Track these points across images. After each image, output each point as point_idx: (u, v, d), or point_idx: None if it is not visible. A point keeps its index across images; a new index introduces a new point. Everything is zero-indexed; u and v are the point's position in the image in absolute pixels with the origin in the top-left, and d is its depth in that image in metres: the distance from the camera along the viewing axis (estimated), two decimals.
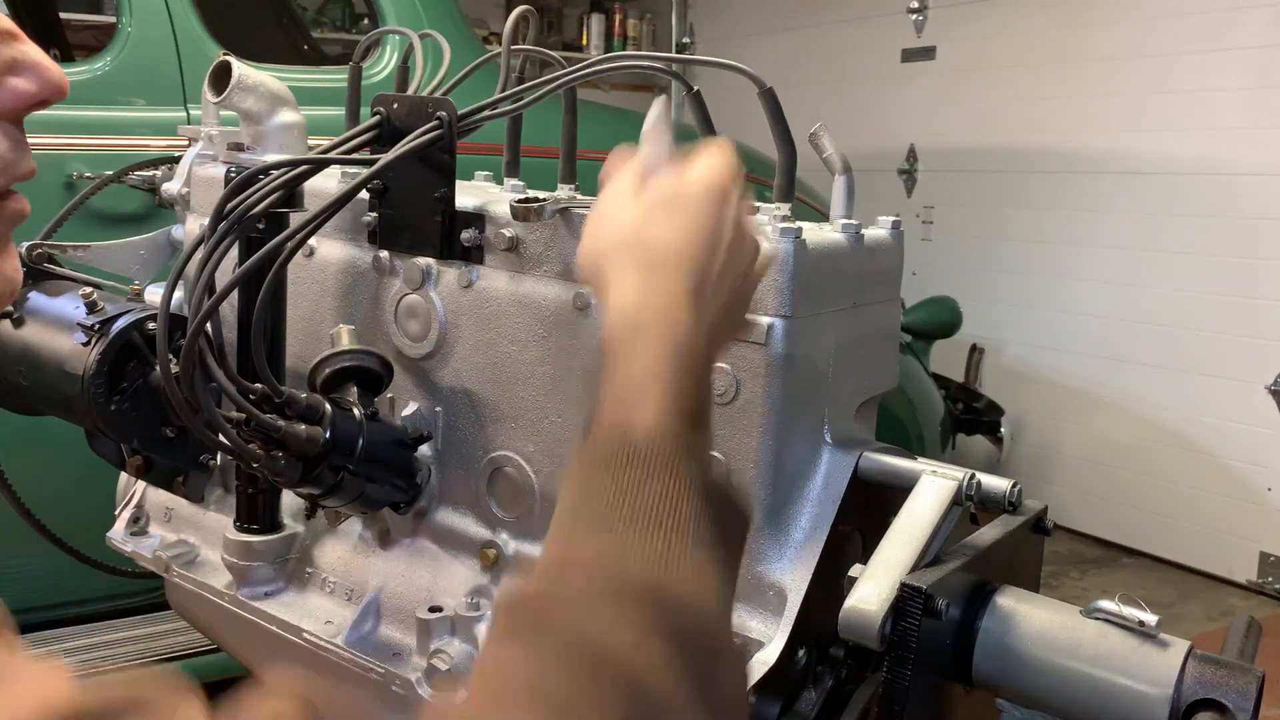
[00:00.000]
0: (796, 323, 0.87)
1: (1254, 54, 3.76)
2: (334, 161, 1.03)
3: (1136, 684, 0.75)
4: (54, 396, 1.15)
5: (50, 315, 1.17)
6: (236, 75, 1.18)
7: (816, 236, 0.90)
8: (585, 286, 0.97)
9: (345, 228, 1.15)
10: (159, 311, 0.98)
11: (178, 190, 1.33)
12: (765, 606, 0.90)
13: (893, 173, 5.04)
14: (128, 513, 1.37)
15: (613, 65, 1.03)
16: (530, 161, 1.18)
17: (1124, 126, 4.15)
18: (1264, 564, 3.87)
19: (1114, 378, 4.27)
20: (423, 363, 1.10)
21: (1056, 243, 4.41)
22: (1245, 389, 3.86)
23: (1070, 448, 4.46)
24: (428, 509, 1.11)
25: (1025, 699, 0.81)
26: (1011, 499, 0.85)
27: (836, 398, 0.94)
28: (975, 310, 4.12)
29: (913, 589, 0.75)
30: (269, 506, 1.19)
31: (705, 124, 0.99)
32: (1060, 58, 4.33)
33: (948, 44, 4.80)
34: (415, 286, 1.09)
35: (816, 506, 0.91)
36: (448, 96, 1.05)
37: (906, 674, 0.75)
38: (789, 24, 5.50)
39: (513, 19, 1.14)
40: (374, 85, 2.21)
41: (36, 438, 1.71)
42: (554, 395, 1.00)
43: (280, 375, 1.11)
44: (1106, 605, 0.78)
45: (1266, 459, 3.83)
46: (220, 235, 0.94)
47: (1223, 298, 3.90)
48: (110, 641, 2.06)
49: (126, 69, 2.14)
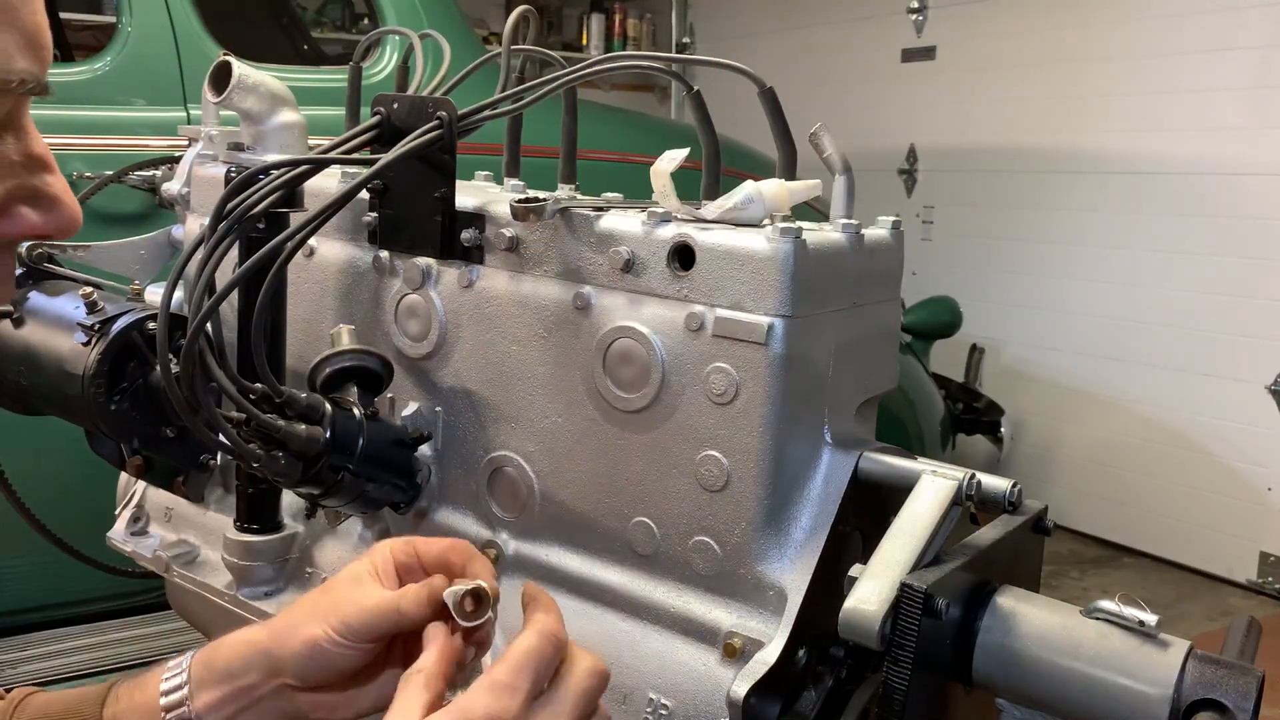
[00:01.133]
0: (796, 323, 0.87)
1: (1254, 54, 3.76)
2: (334, 161, 1.03)
3: (1136, 684, 0.75)
4: (54, 396, 1.15)
5: (50, 315, 1.17)
6: (236, 75, 1.18)
7: (816, 236, 0.90)
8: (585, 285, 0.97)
9: (345, 228, 1.15)
10: (159, 311, 0.98)
11: (178, 190, 1.33)
12: (765, 606, 0.90)
13: (893, 173, 5.04)
14: (128, 513, 1.37)
15: (613, 65, 1.03)
16: (530, 161, 1.18)
17: (1124, 126, 4.15)
18: (1264, 564, 3.87)
19: (1114, 378, 4.27)
20: (423, 363, 1.10)
21: (1056, 243, 4.41)
22: (1245, 389, 3.86)
23: (1070, 448, 4.46)
24: (428, 509, 1.11)
25: (1025, 699, 0.81)
26: (1011, 499, 0.85)
27: (836, 398, 0.94)
28: (975, 310, 4.12)
29: (913, 589, 0.75)
30: (269, 506, 1.19)
31: (705, 124, 0.99)
32: (1060, 58, 4.33)
33: (948, 44, 4.80)
34: (415, 286, 1.09)
35: (816, 506, 0.91)
36: (448, 96, 1.05)
37: (906, 674, 0.75)
38: (789, 24, 5.50)
39: (513, 19, 1.14)
40: (374, 85, 2.21)
41: (36, 438, 1.71)
42: (554, 395, 1.00)
43: (280, 375, 1.11)
44: (1106, 605, 0.78)
45: (1266, 459, 3.84)
46: (220, 235, 0.94)
47: (1223, 298, 3.90)
48: (110, 641, 2.06)
49: (126, 69, 2.14)
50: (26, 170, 0.59)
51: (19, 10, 0.54)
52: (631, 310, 0.94)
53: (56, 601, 2.08)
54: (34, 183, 0.59)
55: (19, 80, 0.54)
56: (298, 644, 0.75)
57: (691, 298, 0.90)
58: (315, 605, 0.76)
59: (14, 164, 0.58)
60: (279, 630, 0.77)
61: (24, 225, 0.60)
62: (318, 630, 0.75)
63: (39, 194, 0.59)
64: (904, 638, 0.75)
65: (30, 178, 0.59)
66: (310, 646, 0.75)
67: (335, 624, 0.74)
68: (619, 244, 0.94)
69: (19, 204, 0.59)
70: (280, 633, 0.76)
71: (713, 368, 0.89)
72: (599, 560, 1.00)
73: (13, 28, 0.54)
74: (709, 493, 0.91)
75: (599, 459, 0.98)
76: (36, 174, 0.59)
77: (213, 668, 0.78)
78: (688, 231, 0.91)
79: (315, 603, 0.77)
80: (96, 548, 1.42)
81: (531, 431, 1.03)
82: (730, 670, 0.88)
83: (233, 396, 0.95)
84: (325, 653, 0.75)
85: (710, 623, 0.92)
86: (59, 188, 0.60)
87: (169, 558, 1.29)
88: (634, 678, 0.94)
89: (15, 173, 0.58)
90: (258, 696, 0.77)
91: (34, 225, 0.60)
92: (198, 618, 1.40)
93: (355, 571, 0.77)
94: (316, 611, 0.76)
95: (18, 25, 0.54)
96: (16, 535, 1.65)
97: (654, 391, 0.92)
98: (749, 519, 0.89)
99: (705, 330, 0.89)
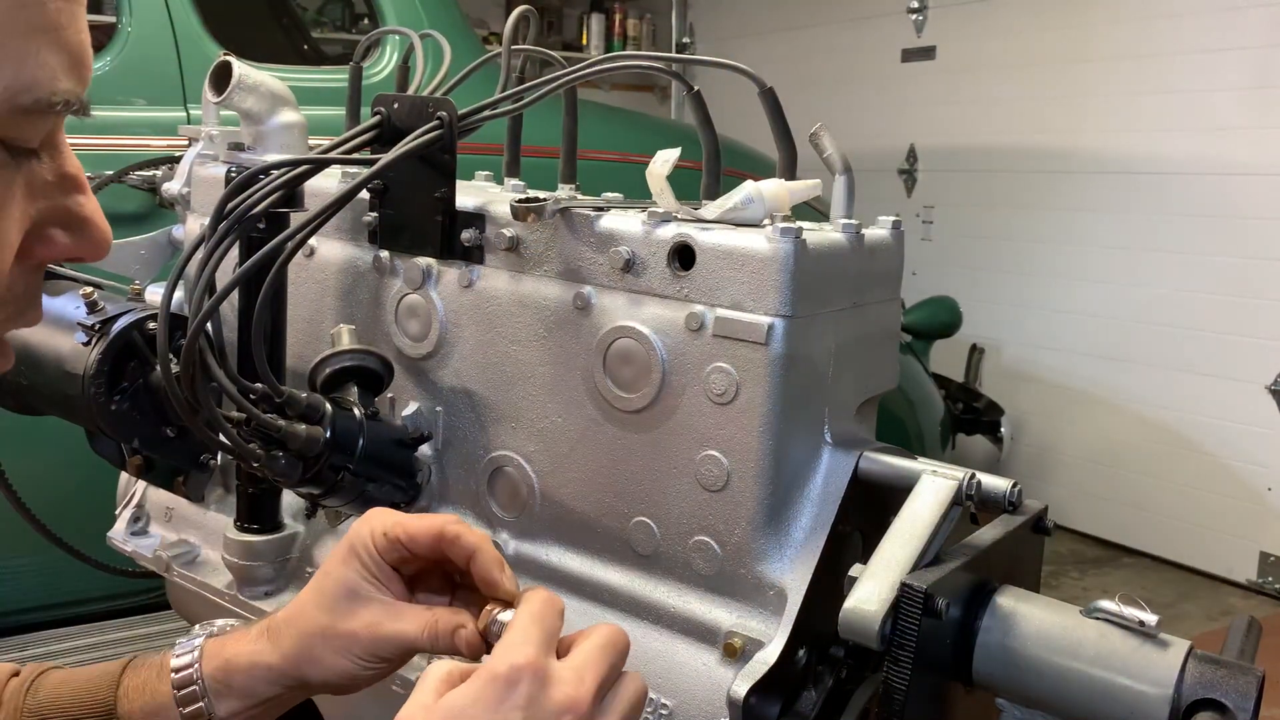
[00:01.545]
0: (796, 323, 0.87)
1: (1253, 54, 3.76)
2: (334, 161, 1.03)
3: (1136, 684, 0.75)
4: (54, 396, 1.15)
5: (50, 315, 1.17)
6: (237, 75, 1.18)
7: (817, 236, 0.90)
8: (585, 286, 0.97)
9: (345, 228, 1.15)
10: (159, 311, 0.98)
11: (178, 190, 1.33)
12: (765, 606, 0.90)
13: (893, 173, 5.04)
14: (128, 512, 1.37)
15: (613, 65, 1.03)
16: (530, 161, 1.18)
17: (1124, 126, 4.15)
18: (1264, 564, 3.87)
19: (1114, 378, 4.27)
20: (423, 363, 1.10)
21: (1056, 243, 4.41)
22: (1245, 389, 3.86)
23: (1070, 448, 4.46)
24: (428, 509, 1.11)
25: (1025, 699, 0.81)
26: (1011, 499, 0.85)
27: (836, 398, 0.94)
28: (975, 310, 4.12)
29: (913, 589, 0.75)
30: (269, 506, 1.19)
31: (705, 124, 0.99)
32: (1060, 58, 4.34)
33: (948, 44, 4.80)
34: (415, 286, 1.09)
35: (816, 506, 0.91)
36: (448, 96, 1.05)
37: (906, 674, 0.75)
38: (789, 24, 5.51)
39: (513, 19, 1.14)
40: (374, 85, 2.21)
41: (36, 438, 1.71)
42: (554, 395, 1.00)
43: (280, 375, 1.11)
44: (1106, 605, 0.78)
45: (1266, 459, 3.84)
46: (220, 235, 0.94)
47: (1223, 298, 3.90)
48: (110, 641, 2.06)
49: (126, 69, 2.14)
50: (60, 191, 0.58)
51: (65, 30, 0.53)
52: (631, 310, 0.94)
53: (56, 601, 2.08)
54: (67, 204, 0.58)
55: (64, 101, 0.53)
56: (329, 675, 0.77)
57: (691, 297, 0.90)
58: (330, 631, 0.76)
59: (48, 184, 0.57)
60: (296, 659, 0.77)
61: (56, 249, 0.59)
62: (346, 663, 0.76)
63: (71, 216, 0.58)
64: (904, 638, 0.75)
65: (63, 199, 0.58)
66: (344, 676, 0.77)
67: (366, 655, 0.76)
68: (619, 244, 0.94)
69: (51, 226, 0.58)
70: (298, 662, 0.77)
71: (713, 368, 0.89)
72: (599, 560, 1.00)
73: (58, 47, 0.53)
74: (709, 493, 0.91)
75: (599, 459, 0.98)
76: (69, 195, 0.58)
77: (231, 686, 0.79)
78: (688, 231, 0.91)
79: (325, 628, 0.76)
80: (96, 548, 1.42)
81: (532, 431, 1.03)
82: (730, 670, 0.88)
83: (233, 396, 0.95)
84: (360, 678, 0.77)
85: (710, 623, 0.92)
86: (90, 209, 0.59)
87: (169, 558, 1.29)
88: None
89: (49, 193, 0.57)
90: (283, 703, 0.80)
91: (66, 248, 0.59)
92: (198, 618, 1.39)
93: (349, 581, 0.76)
94: (335, 641, 0.76)
95: (63, 44, 0.53)
96: (16, 535, 1.65)
97: (654, 391, 0.92)
98: (749, 519, 0.89)
99: (705, 330, 0.89)
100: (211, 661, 0.80)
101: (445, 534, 0.75)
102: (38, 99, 0.52)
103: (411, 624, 0.75)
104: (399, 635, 0.75)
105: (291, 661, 0.77)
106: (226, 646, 0.80)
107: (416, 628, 0.75)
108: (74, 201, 0.58)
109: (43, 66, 0.52)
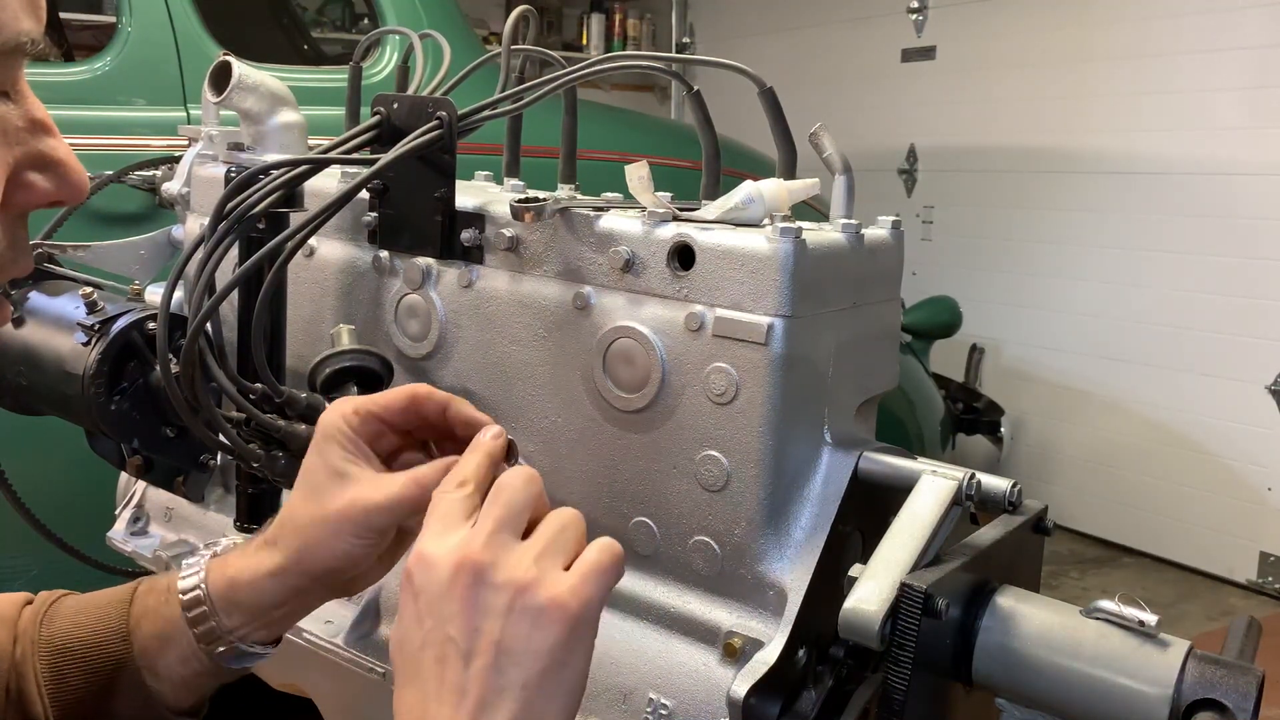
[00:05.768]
0: (796, 323, 0.87)
1: (1253, 54, 3.76)
2: (334, 161, 1.03)
3: (1136, 684, 0.75)
4: (54, 396, 1.15)
5: (50, 315, 1.17)
6: (236, 75, 1.18)
7: (816, 236, 0.90)
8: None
9: (345, 228, 1.15)
10: (159, 311, 0.99)
11: (178, 190, 1.33)
12: (765, 606, 0.90)
13: (893, 173, 5.04)
14: (128, 513, 1.37)
15: (613, 65, 1.03)
16: (530, 161, 1.18)
17: (1124, 126, 4.15)
18: (1264, 564, 3.87)
19: (1114, 378, 4.27)
20: (423, 363, 1.10)
21: (1056, 243, 4.41)
22: (1245, 389, 3.86)
23: (1070, 448, 4.46)
24: None
25: (1025, 699, 0.81)
26: (1011, 499, 0.85)
27: (836, 398, 0.94)
28: (975, 310, 4.12)
29: (913, 589, 0.75)
30: (269, 506, 1.18)
31: (705, 124, 0.99)
32: (1060, 58, 4.34)
33: (948, 44, 4.80)
34: (415, 286, 1.09)
35: (816, 506, 0.91)
36: (448, 96, 1.05)
37: (906, 674, 0.75)
38: (789, 24, 5.51)
39: (513, 19, 1.14)
40: (374, 85, 2.21)
41: (36, 438, 1.71)
42: (554, 395, 1.00)
43: (280, 375, 1.11)
44: (1106, 605, 0.78)
45: (1266, 459, 3.84)
46: (220, 235, 0.94)
47: (1223, 298, 3.90)
48: None
49: (126, 69, 2.14)
50: (32, 135, 0.58)
51: None
52: (631, 310, 0.94)
53: None
54: (40, 148, 0.59)
55: (29, 40, 0.54)
56: (331, 560, 0.77)
57: (691, 298, 0.90)
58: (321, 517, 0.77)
59: (19, 130, 0.57)
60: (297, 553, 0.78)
61: (37, 194, 0.59)
62: (343, 544, 0.76)
63: (46, 159, 0.59)
64: (904, 638, 0.75)
65: (36, 143, 0.58)
66: (345, 559, 0.77)
67: (360, 531, 0.76)
68: (619, 244, 0.94)
69: (28, 171, 0.58)
70: (299, 558, 0.77)
71: (713, 368, 0.89)
72: None
73: None
74: (709, 493, 0.91)
75: (599, 459, 0.98)
76: (41, 139, 0.59)
77: (239, 601, 0.79)
78: (688, 231, 0.91)
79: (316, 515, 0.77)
80: (96, 548, 1.42)
81: (531, 431, 1.03)
82: (730, 670, 0.88)
83: (233, 396, 0.95)
84: (360, 557, 0.77)
85: (710, 623, 0.92)
86: (64, 151, 0.60)
87: (169, 558, 1.29)
88: (634, 678, 0.94)
89: (21, 139, 0.58)
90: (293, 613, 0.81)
91: (46, 192, 0.60)
92: None
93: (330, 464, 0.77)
94: (328, 524, 0.76)
95: None
96: (16, 535, 1.65)
97: (654, 391, 0.92)
98: (749, 519, 0.89)
99: (705, 330, 0.89)
100: (217, 579, 0.80)
101: (417, 393, 0.78)
102: (4, 40, 0.53)
103: (396, 484, 0.76)
104: (387, 499, 0.75)
105: (293, 559, 0.77)
106: (230, 563, 0.81)
107: (400, 485, 0.75)
108: (46, 145, 0.59)
109: (5, 8, 0.53)
